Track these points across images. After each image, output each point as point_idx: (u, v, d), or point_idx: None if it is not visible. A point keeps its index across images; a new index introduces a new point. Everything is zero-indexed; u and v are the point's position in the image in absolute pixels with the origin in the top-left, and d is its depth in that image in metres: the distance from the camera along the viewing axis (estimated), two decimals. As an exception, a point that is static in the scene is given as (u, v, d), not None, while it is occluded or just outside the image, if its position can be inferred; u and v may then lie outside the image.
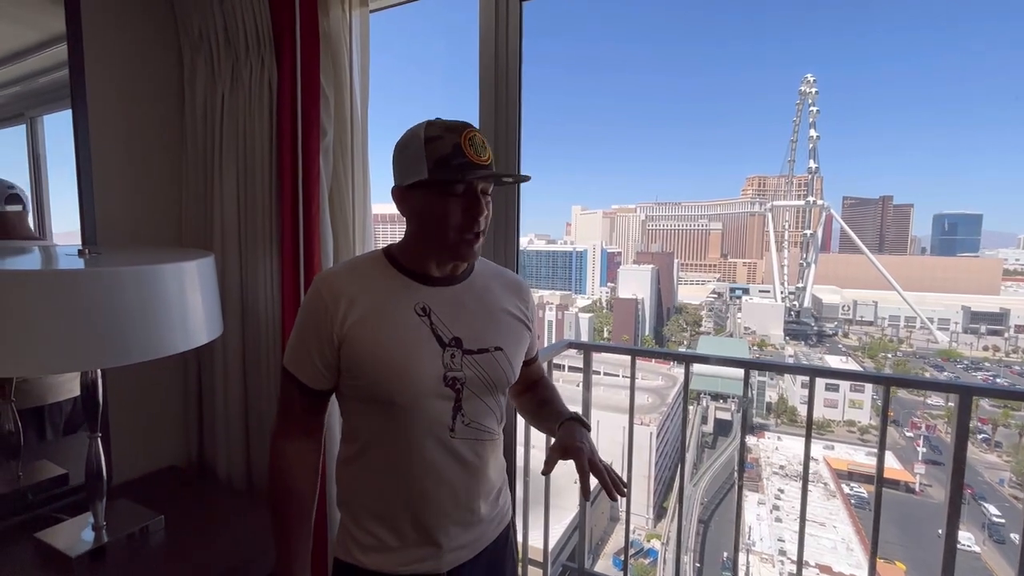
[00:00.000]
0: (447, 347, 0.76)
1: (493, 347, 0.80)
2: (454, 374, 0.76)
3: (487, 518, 0.84)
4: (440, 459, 0.77)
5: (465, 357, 0.77)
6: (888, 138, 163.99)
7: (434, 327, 0.77)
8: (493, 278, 0.88)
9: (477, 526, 0.82)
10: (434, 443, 0.76)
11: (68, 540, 0.99)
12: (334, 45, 1.23)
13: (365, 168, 1.31)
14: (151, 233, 1.38)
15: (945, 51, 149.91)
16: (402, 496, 0.77)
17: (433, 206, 0.74)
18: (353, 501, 0.81)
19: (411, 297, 0.77)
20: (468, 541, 0.82)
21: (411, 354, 0.74)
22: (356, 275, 0.78)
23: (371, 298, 0.75)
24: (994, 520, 17.62)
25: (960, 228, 67.31)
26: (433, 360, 0.75)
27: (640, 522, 19.36)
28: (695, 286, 53.36)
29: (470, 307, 0.81)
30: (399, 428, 0.75)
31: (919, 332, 35.58)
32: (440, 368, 0.75)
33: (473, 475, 0.80)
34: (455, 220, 0.73)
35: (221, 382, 1.36)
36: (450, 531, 0.79)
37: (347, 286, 0.76)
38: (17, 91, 1.18)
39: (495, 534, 0.87)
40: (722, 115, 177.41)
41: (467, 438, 0.79)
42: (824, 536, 16.87)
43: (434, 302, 0.78)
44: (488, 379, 0.79)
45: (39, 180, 1.20)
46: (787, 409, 26.47)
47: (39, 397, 1.21)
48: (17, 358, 0.77)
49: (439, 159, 0.70)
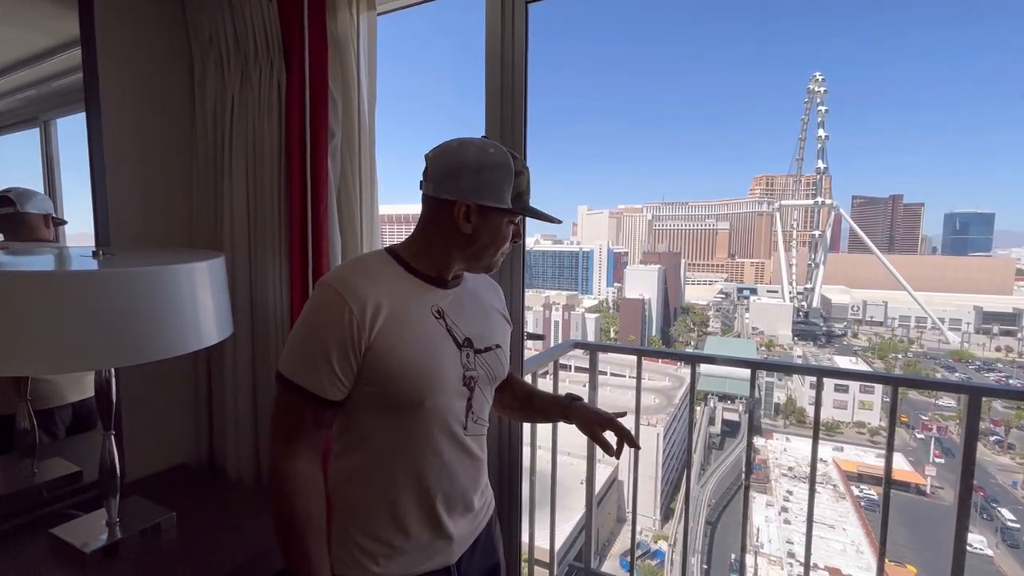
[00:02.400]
0: (462, 347, 0.80)
1: (495, 345, 0.86)
2: (470, 373, 0.80)
3: (479, 508, 0.88)
4: (454, 456, 0.80)
5: (476, 356, 0.81)
6: (898, 136, 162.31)
7: (450, 329, 0.79)
8: (474, 279, 0.91)
9: (474, 516, 0.87)
10: (450, 441, 0.79)
11: (82, 536, 1.01)
12: (342, 48, 1.24)
13: (372, 170, 1.32)
14: (163, 234, 1.40)
15: (957, 50, 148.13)
16: (416, 497, 0.78)
17: (497, 230, 0.80)
18: (361, 513, 0.78)
19: (426, 300, 0.79)
20: (469, 531, 0.86)
21: (435, 356, 0.76)
22: (372, 278, 0.76)
23: (391, 302, 0.74)
24: (1008, 525, 17.36)
25: (972, 227, 66.48)
26: (454, 361, 0.78)
27: (647, 523, 19.29)
28: (702, 286, 53.06)
29: (470, 308, 0.85)
30: (420, 431, 0.77)
31: (930, 333, 35.16)
32: (460, 368, 0.79)
33: (477, 468, 0.85)
34: (503, 244, 0.81)
35: (231, 381, 1.37)
36: (457, 523, 0.82)
37: (368, 291, 0.73)
38: (32, 94, 1.20)
39: (485, 521, 0.91)
40: (730, 114, 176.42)
41: (475, 434, 0.83)
42: (833, 538, 16.71)
43: (444, 304, 0.80)
44: (492, 376, 0.84)
45: (52, 183, 1.22)
46: (795, 410, 26.26)
47: (61, 397, 1.24)
48: (33, 357, 0.78)
49: (519, 194, 0.78)
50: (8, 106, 1.17)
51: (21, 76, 1.18)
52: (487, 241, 0.79)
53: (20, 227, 1.16)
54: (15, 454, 1.14)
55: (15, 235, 1.16)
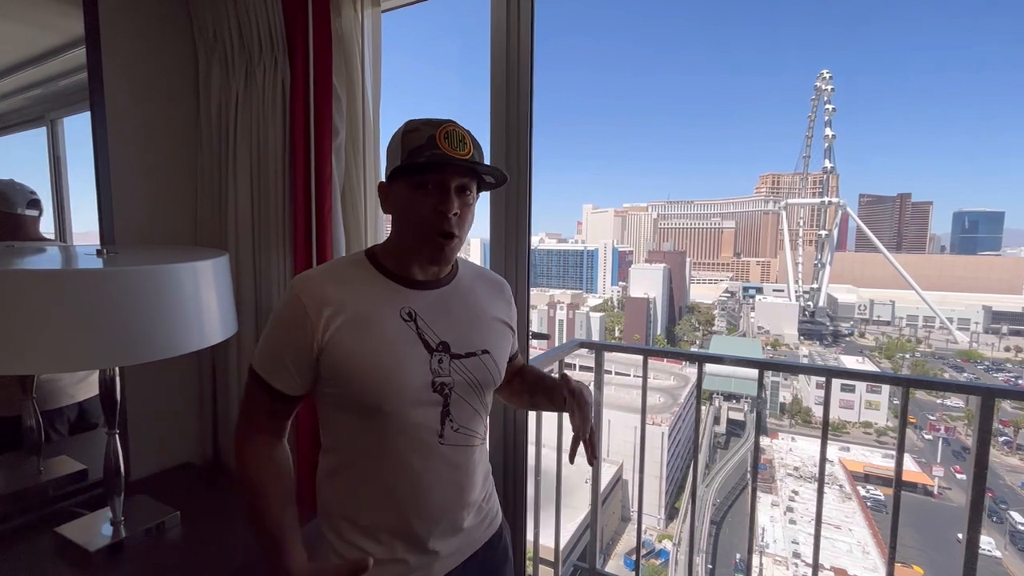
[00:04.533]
0: (434, 352, 0.74)
1: (480, 350, 0.79)
2: (442, 379, 0.74)
3: (472, 526, 0.82)
4: (429, 467, 0.74)
5: (453, 362, 0.76)
6: (907, 134, 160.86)
7: (420, 332, 0.74)
8: (476, 279, 0.87)
9: (463, 534, 0.81)
10: (423, 451, 0.74)
11: (87, 534, 1.01)
12: (346, 45, 1.24)
13: (377, 167, 1.32)
14: (167, 232, 1.40)
15: (966, 48, 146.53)
16: (390, 506, 0.74)
17: (403, 199, 0.72)
18: (336, 515, 0.77)
19: (396, 302, 0.75)
20: (455, 548, 0.80)
21: (397, 360, 0.71)
22: (337, 280, 0.74)
23: (354, 304, 0.72)
24: (1019, 528, 17.15)
25: (981, 226, 65.89)
26: (420, 366, 0.73)
27: (651, 523, 19.26)
28: (708, 285, 52.90)
29: (456, 310, 0.79)
30: (386, 437, 0.73)
31: (938, 332, 34.89)
32: (428, 374, 0.73)
33: (461, 482, 0.78)
34: (424, 216, 0.71)
35: (235, 380, 1.37)
36: (438, 540, 0.77)
37: (329, 292, 0.72)
38: (38, 93, 1.20)
39: (485, 537, 0.85)
40: (736, 113, 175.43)
41: (457, 444, 0.77)
42: (840, 539, 16.63)
43: (419, 306, 0.76)
44: (475, 383, 0.78)
45: (59, 181, 1.22)
46: (801, 410, 26.13)
47: (69, 396, 1.24)
48: (37, 355, 0.78)
49: (413, 150, 0.69)
50: (14, 105, 1.17)
51: (28, 75, 1.18)
52: (403, 219, 0.74)
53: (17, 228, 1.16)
54: (21, 452, 1.15)
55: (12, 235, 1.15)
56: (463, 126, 0.73)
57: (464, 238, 0.76)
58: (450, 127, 0.71)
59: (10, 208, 1.14)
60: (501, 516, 0.91)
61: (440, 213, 0.71)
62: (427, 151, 0.68)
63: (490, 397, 0.84)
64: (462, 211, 0.73)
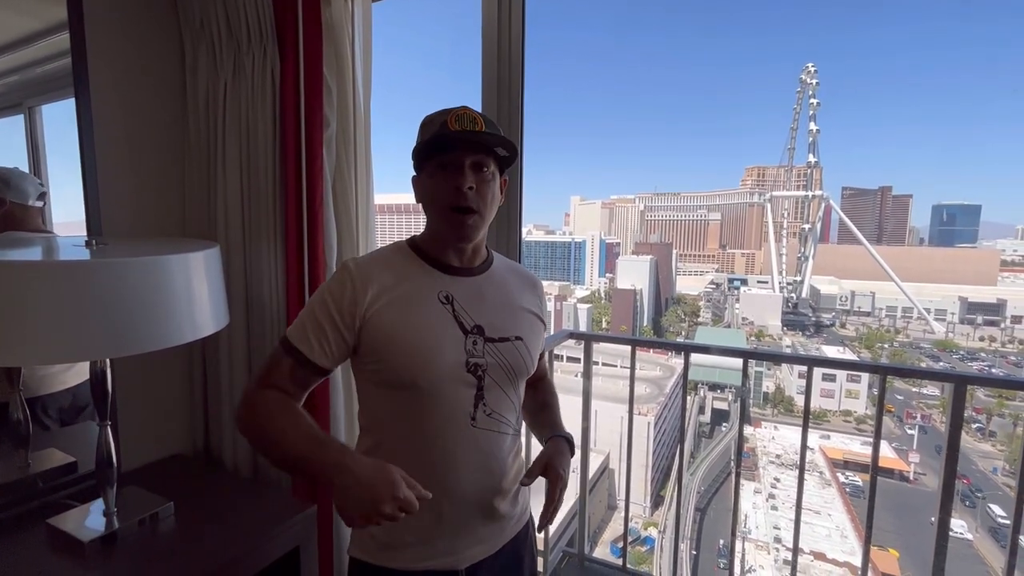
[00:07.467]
0: (469, 334, 0.78)
1: (514, 336, 0.82)
2: (476, 360, 0.77)
3: (507, 515, 0.83)
4: (462, 449, 0.76)
5: (487, 345, 0.78)
6: (888, 128, 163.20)
7: (456, 314, 0.78)
8: (509, 272, 0.90)
9: (497, 522, 0.82)
10: (455, 431, 0.76)
11: (80, 525, 1.00)
12: (337, 35, 1.22)
13: (368, 159, 1.31)
14: (154, 223, 1.38)
15: (947, 43, 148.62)
16: (424, 485, 0.74)
17: (426, 186, 0.78)
18: None
19: (434, 286, 0.79)
20: (487, 536, 0.81)
21: (434, 338, 0.75)
22: (384, 263, 0.80)
23: (397, 285, 0.77)
24: (1000, 521, 17.40)
25: (959, 219, 67.39)
26: (456, 345, 0.76)
27: (637, 510, 19.58)
28: (693, 277, 53.44)
29: (491, 298, 0.83)
30: (421, 414, 0.75)
31: (916, 323, 35.75)
32: (462, 354, 0.76)
33: (494, 469, 0.80)
34: (443, 195, 0.75)
35: (227, 372, 1.37)
36: (470, 526, 0.79)
37: (375, 272, 0.77)
38: (16, 80, 1.17)
39: (515, 531, 0.86)
40: (722, 105, 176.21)
41: (489, 429, 0.79)
42: (819, 524, 17.09)
43: (456, 291, 0.79)
44: (508, 367, 0.80)
45: (38, 170, 1.19)
46: (783, 399, 26.66)
47: (60, 382, 1.23)
48: (27, 347, 0.78)
49: (429, 137, 0.75)
50: (-10, 91, 1.14)
51: (5, 60, 1.15)
52: (428, 204, 0.79)
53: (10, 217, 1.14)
54: (8, 445, 1.14)
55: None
56: (475, 110, 0.76)
57: (486, 215, 0.79)
58: (461, 111, 0.75)
59: (24, 200, 1.14)
60: (529, 513, 0.92)
61: (456, 189, 0.74)
62: (440, 131, 0.73)
63: (522, 388, 0.87)
64: (479, 186, 0.76)
